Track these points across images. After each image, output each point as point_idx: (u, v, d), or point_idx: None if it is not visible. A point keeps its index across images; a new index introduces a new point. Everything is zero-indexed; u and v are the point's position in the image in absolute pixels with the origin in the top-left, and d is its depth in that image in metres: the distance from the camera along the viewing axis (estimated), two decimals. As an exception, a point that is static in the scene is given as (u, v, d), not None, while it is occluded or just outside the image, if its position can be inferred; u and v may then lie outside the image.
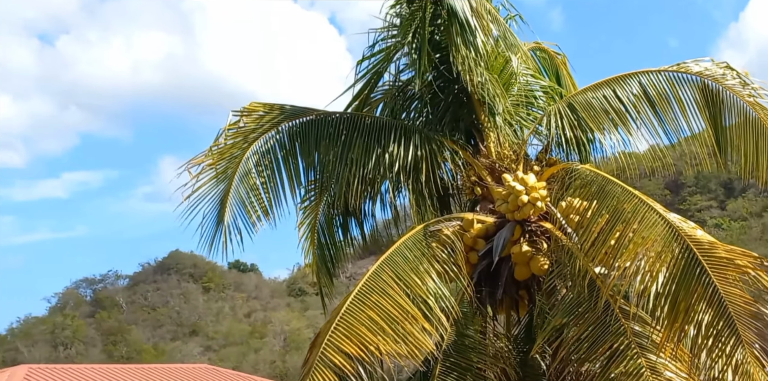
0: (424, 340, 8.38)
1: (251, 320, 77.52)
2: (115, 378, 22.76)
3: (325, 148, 9.71)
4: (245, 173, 9.57)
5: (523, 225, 9.35)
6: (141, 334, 73.65)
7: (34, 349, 66.62)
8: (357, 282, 8.81)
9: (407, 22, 9.68)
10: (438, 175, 9.80)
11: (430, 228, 9.25)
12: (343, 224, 10.50)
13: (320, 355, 8.19)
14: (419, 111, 10.39)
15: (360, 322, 8.36)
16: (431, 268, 8.84)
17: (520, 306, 9.82)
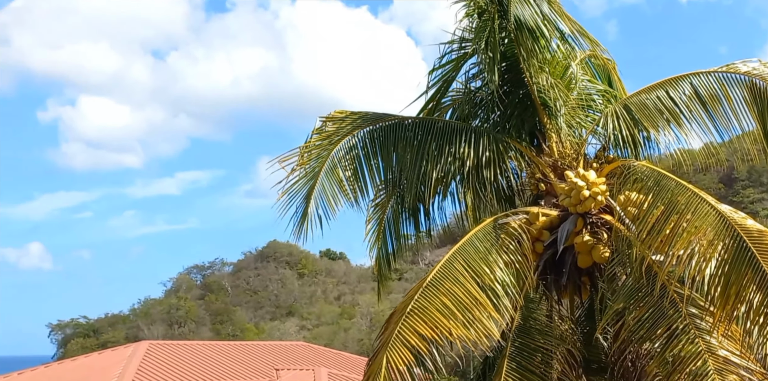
0: (491, 327, 8.30)
1: (341, 302, 77.94)
2: (223, 353, 23.10)
3: (402, 149, 9.65)
4: (329, 171, 9.58)
5: (584, 217, 9.20)
6: (244, 315, 74.62)
7: (152, 327, 68.02)
8: (431, 269, 8.78)
9: (479, 31, 9.59)
10: (504, 172, 9.71)
11: (498, 221, 9.15)
12: (414, 219, 10.36)
13: (397, 333, 8.16)
14: (486, 115, 10.28)
15: (434, 306, 8.32)
16: (499, 257, 8.74)
17: (582, 291, 9.65)
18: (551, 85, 9.66)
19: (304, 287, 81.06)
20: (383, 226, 10.50)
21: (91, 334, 70.29)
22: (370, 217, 10.44)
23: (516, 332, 8.88)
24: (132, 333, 65.91)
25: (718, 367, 8.15)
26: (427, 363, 8.14)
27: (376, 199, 10.43)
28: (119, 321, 72.57)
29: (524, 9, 9.26)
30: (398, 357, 8.05)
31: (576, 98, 10.11)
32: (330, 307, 76.00)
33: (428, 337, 8.14)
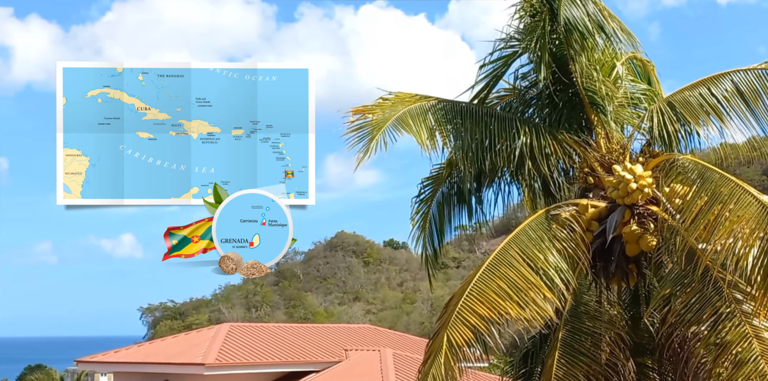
0: (545, 307, 8.22)
1: (403, 288, 78.00)
2: (296, 334, 23.28)
3: (458, 132, 9.37)
4: (400, 121, 9.22)
5: (632, 208, 9.02)
6: (315, 300, 75.19)
7: (232, 311, 68.96)
8: (488, 256, 8.71)
9: (530, 31, 9.45)
10: (555, 166, 9.56)
11: (550, 212, 9.02)
12: (468, 208, 10.20)
13: (456, 314, 8.12)
14: (536, 112, 10.12)
15: (491, 288, 8.25)
16: (552, 245, 8.63)
17: (630, 278, 9.46)
18: (599, 83, 9.49)
19: (369, 274, 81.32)
20: (428, 221, 10.37)
21: (177, 317, 71.58)
22: (417, 210, 10.32)
23: (567, 316, 8.76)
24: (214, 316, 66.93)
25: (764, 350, 7.94)
26: (486, 340, 8.10)
27: (420, 195, 10.34)
28: (203, 305, 73.71)
29: (573, 10, 9.10)
30: (458, 335, 8.01)
31: (622, 96, 9.91)
32: (393, 293, 76.13)
33: (486, 316, 8.09)
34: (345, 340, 23.55)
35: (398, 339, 25.61)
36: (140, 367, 20.98)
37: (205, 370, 19.51)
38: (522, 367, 9.74)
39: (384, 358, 20.90)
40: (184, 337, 23.48)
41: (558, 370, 8.60)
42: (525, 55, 9.87)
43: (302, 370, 21.14)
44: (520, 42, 9.84)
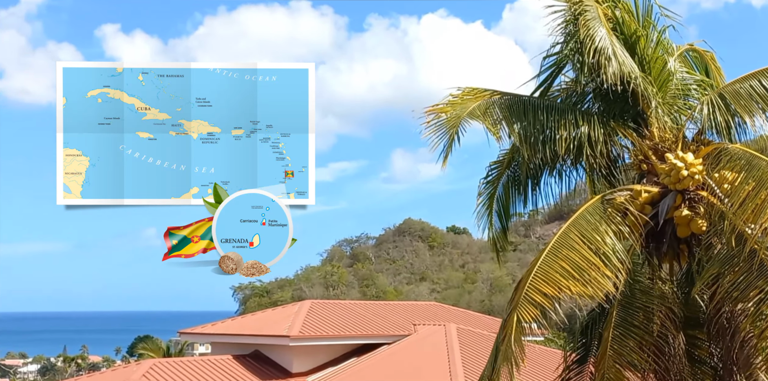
0: (605, 284, 8.07)
1: (465, 270, 77.67)
2: (369, 310, 23.38)
3: (521, 123, 9.18)
4: (469, 118, 8.98)
5: (683, 194, 8.77)
6: (385, 280, 75.46)
7: (312, 289, 69.73)
8: (549, 240, 8.57)
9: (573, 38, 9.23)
10: (610, 154, 9.35)
11: (606, 197, 8.86)
12: (524, 194, 9.98)
13: (524, 295, 8.04)
14: (593, 104, 9.88)
15: (554, 270, 8.13)
16: (608, 228, 8.45)
17: (681, 258, 9.21)
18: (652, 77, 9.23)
19: (434, 257, 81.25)
20: (493, 200, 10.15)
21: (264, 294, 72.68)
22: (481, 192, 10.13)
23: (622, 293, 8.59)
24: (296, 293, 67.76)
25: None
26: (551, 316, 8.00)
27: (487, 177, 10.12)
28: (286, 284, 74.71)
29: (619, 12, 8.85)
30: (526, 313, 7.94)
31: (674, 88, 9.61)
32: (456, 274, 75.90)
33: (551, 294, 7.99)
34: (413, 315, 23.55)
35: (461, 315, 25.50)
36: (234, 338, 21.36)
37: (290, 342, 19.77)
38: (581, 339, 9.59)
39: (449, 332, 20.83)
40: (271, 312, 23.82)
41: (613, 342, 8.47)
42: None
43: (375, 343, 21.22)
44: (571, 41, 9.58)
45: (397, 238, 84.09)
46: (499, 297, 64.36)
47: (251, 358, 20.53)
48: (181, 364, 19.31)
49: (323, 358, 20.65)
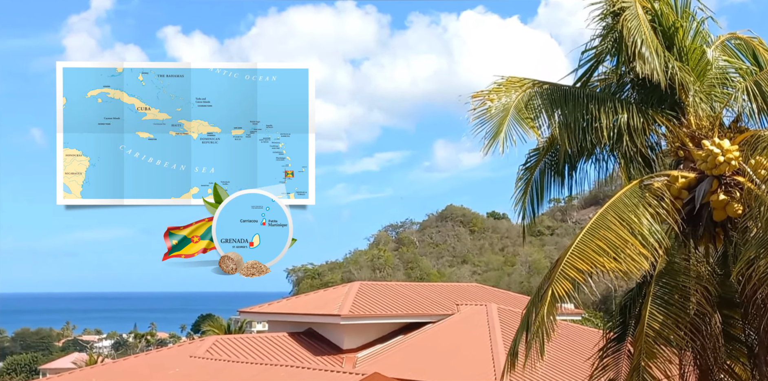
0: (640, 261, 7.90)
1: (504, 253, 77.14)
2: (414, 291, 23.40)
3: (562, 111, 8.98)
4: (516, 109, 8.80)
5: (719, 179, 8.52)
6: (428, 263, 75.39)
7: (360, 272, 70.04)
8: (586, 222, 8.42)
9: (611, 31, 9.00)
10: (648, 141, 9.13)
11: (644, 182, 8.66)
12: (561, 179, 9.78)
13: (560, 272, 7.93)
14: (632, 93, 9.64)
15: (590, 248, 8.01)
16: (646, 211, 8.28)
17: (717, 240, 8.98)
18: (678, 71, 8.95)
19: (475, 241, 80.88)
20: (530, 186, 9.97)
21: (316, 276, 73.25)
22: (520, 178, 9.96)
23: (659, 273, 8.41)
24: (346, 275, 68.14)
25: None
26: (584, 289, 7.86)
27: (526, 164, 9.95)
28: (336, 267, 75.18)
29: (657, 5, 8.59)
30: (560, 288, 7.82)
31: (712, 77, 9.32)
32: (496, 257, 75.47)
33: (585, 270, 7.86)
34: (456, 296, 23.50)
35: (501, 295, 25.35)
36: (289, 317, 21.60)
37: (341, 320, 19.90)
38: (618, 318, 9.43)
39: (490, 311, 20.73)
40: (323, 293, 24.00)
41: (651, 320, 8.31)
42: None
43: (420, 322, 21.24)
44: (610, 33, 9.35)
45: (440, 224, 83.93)
46: (537, 279, 63.76)
47: (305, 336, 20.74)
48: (241, 341, 19.62)
49: (372, 336, 20.76)
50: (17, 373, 70.16)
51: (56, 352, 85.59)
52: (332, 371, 13.35)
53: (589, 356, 9.55)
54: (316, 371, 13.54)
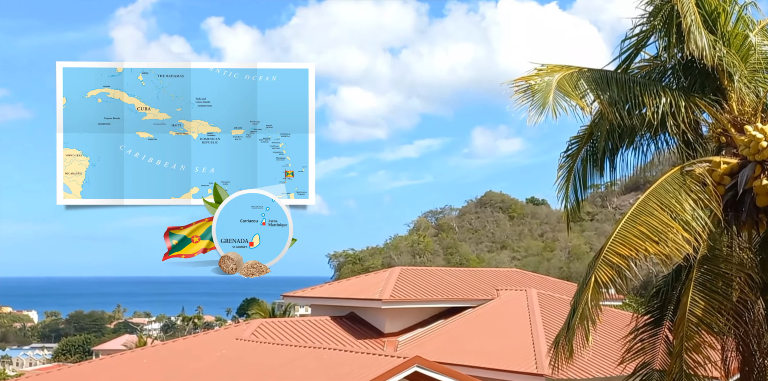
0: (682, 244, 7.81)
1: (543, 238, 76.54)
2: (454, 276, 23.45)
3: (605, 94, 8.80)
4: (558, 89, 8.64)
5: (762, 164, 8.34)
6: (468, 248, 75.24)
7: (400, 257, 70.24)
8: (626, 210, 8.36)
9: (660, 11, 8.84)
10: (689, 127, 8.97)
11: (685, 168, 8.54)
12: (600, 167, 9.68)
13: (602, 258, 7.90)
14: (674, 79, 9.48)
15: (632, 233, 7.94)
16: (688, 197, 8.18)
17: (759, 226, 8.80)
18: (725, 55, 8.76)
19: (514, 227, 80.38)
20: (572, 174, 9.90)
21: (357, 262, 73.72)
22: (562, 165, 9.90)
23: (701, 259, 8.31)
24: (386, 261, 68.44)
25: None
26: (627, 275, 7.81)
27: (567, 151, 9.87)
28: (377, 252, 75.53)
29: None
30: (603, 275, 7.79)
31: (755, 62, 9.11)
32: (535, 242, 74.94)
33: (627, 255, 7.81)
34: (496, 281, 23.47)
35: (541, 281, 25.23)
36: (331, 301, 21.86)
37: (382, 305, 20.08)
38: (655, 302, 9.35)
39: (530, 296, 20.68)
40: (364, 277, 24.21)
41: (692, 306, 8.22)
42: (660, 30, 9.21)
43: (460, 306, 21.31)
44: (652, 19, 9.20)
45: (479, 210, 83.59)
46: (577, 264, 63.24)
47: (347, 319, 20.98)
48: (285, 324, 19.95)
49: (412, 320, 20.90)
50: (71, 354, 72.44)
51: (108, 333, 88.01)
52: (374, 354, 13.52)
53: (626, 340, 9.51)
54: (359, 354, 13.73)
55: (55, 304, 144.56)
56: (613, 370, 15.51)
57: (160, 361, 16.93)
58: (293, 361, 14.30)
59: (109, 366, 17.28)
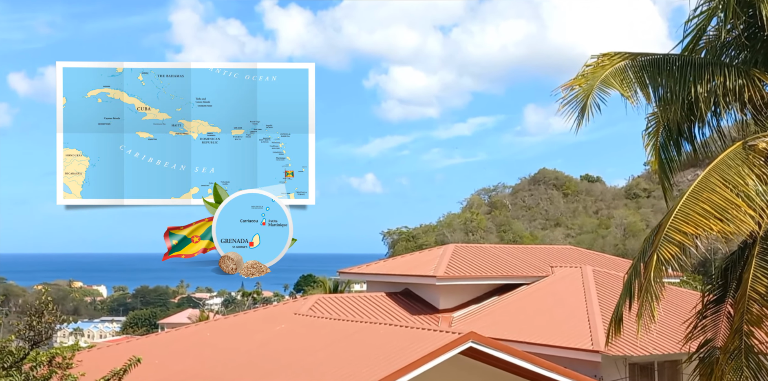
0: (747, 221, 7.58)
1: (598, 216, 75.26)
2: (508, 253, 23.33)
3: (667, 81, 8.67)
4: (601, 87, 8.71)
5: (826, 139, 8.03)
6: (521, 225, 74.57)
7: (453, 234, 70.15)
8: (687, 185, 8.14)
9: None
10: (753, 101, 8.64)
11: (748, 143, 8.27)
12: (675, 142, 9.51)
13: (664, 235, 7.74)
14: (735, 54, 9.13)
15: (694, 211, 7.76)
16: (751, 172, 7.92)
17: (825, 202, 8.47)
18: None
19: (568, 204, 79.26)
20: (657, 149, 9.52)
21: (410, 239, 73.96)
22: (648, 143, 9.55)
23: (764, 236, 8.04)
24: (439, 238, 68.45)
25: None
26: (692, 253, 7.65)
27: (648, 129, 9.54)
28: (430, 230, 75.57)
29: None
30: (666, 252, 7.65)
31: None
32: (590, 220, 73.78)
33: (691, 233, 7.64)
34: (550, 258, 23.25)
35: (597, 258, 24.86)
36: (387, 277, 22.04)
37: (437, 281, 20.15)
38: (718, 280, 9.13)
39: (585, 273, 20.42)
40: (418, 254, 24.28)
41: (754, 283, 8.01)
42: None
43: (514, 283, 21.22)
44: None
45: (533, 187, 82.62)
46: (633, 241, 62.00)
47: (402, 296, 21.14)
48: (341, 299, 20.23)
49: (467, 297, 20.92)
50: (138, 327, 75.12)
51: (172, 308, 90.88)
52: (429, 330, 13.61)
53: (687, 318, 9.33)
54: (414, 329, 13.84)
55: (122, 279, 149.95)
56: (669, 347, 15.26)
57: (222, 334, 17.41)
58: (350, 336, 14.52)
59: (175, 338, 17.87)
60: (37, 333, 9.13)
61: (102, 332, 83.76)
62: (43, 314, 9.11)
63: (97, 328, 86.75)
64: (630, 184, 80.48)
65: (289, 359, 13.83)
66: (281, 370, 13.19)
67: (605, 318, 16.97)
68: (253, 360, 14.29)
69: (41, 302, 9.20)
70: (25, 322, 9.23)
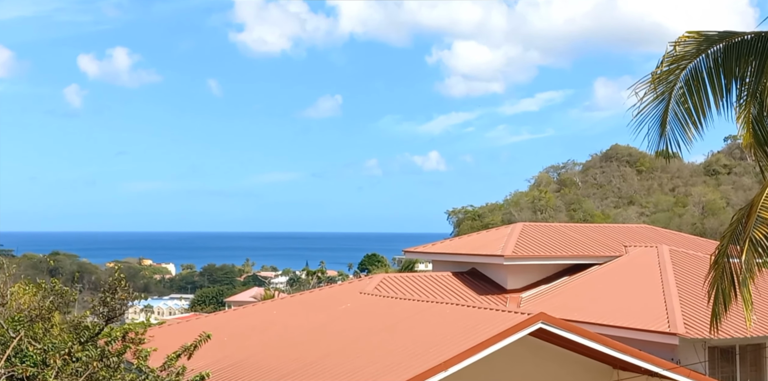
0: None
1: (674, 193, 73.04)
2: (579, 232, 22.89)
3: (757, 59, 8.29)
4: (680, 95, 8.55)
5: None
6: (592, 204, 73.10)
7: (521, 213, 69.41)
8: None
9: None
10: None
11: None
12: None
13: (758, 215, 7.41)
14: None
15: None
16: None
17: None
18: None
19: (642, 181, 77.15)
20: (750, 123, 9.14)
21: (476, 218, 73.58)
22: (738, 116, 9.16)
23: None
24: (506, 217, 67.84)
25: None
26: None
27: (740, 104, 9.15)
28: (496, 208, 74.98)
29: None
30: (759, 233, 7.33)
31: None
32: (665, 197, 71.65)
33: None
34: (624, 237, 22.69)
35: (673, 237, 24.13)
36: (452, 257, 21.98)
37: (505, 261, 19.95)
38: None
39: (661, 253, 19.84)
40: (485, 233, 24.09)
41: None
42: None
43: (585, 263, 20.81)
44: None
45: (604, 164, 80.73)
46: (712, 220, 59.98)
47: (468, 275, 21.05)
48: (406, 279, 20.29)
49: (535, 277, 20.67)
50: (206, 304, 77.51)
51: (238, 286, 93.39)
52: (498, 310, 13.50)
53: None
54: (482, 309, 13.76)
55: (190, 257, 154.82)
56: (753, 330, 14.71)
57: (289, 312, 17.75)
58: (415, 315, 14.55)
59: (242, 316, 18.33)
60: (110, 309, 9.52)
61: (171, 309, 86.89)
62: (116, 291, 9.49)
63: (167, 306, 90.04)
64: (709, 160, 77.68)
65: (354, 337, 13.99)
66: (346, 348, 13.35)
67: (683, 299, 16.47)
68: (319, 338, 14.51)
69: (114, 279, 9.56)
70: (99, 298, 9.64)
